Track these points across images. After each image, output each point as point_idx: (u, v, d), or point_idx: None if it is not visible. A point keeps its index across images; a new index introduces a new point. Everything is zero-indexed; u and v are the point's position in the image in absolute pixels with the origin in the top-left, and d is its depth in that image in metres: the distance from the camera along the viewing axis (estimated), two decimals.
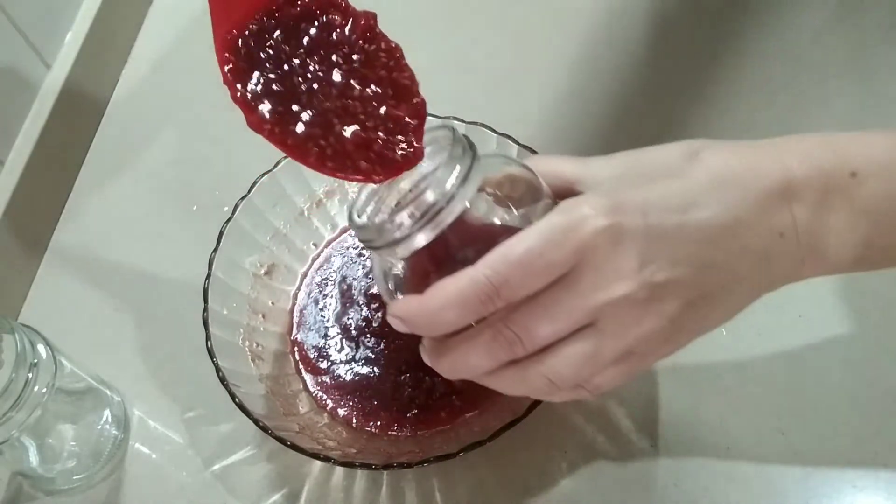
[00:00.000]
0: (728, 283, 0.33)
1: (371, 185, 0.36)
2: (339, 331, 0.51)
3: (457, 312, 0.32)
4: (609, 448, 0.47)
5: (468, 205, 0.33)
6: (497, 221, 0.35)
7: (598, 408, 0.48)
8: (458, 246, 0.34)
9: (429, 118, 0.36)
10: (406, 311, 0.34)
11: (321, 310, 0.52)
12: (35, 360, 0.43)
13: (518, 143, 0.49)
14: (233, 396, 0.43)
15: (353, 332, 0.51)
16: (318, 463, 0.48)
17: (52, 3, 0.62)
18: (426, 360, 0.36)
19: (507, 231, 0.34)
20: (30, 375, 0.42)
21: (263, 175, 0.50)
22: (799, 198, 0.32)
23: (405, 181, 0.36)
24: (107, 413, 0.51)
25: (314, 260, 0.54)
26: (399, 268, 0.36)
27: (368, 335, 0.50)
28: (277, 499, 0.48)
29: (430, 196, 0.32)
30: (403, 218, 0.33)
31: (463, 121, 0.50)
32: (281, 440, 0.42)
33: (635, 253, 0.31)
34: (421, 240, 0.33)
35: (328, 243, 0.55)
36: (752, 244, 0.32)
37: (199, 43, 0.70)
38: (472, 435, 0.43)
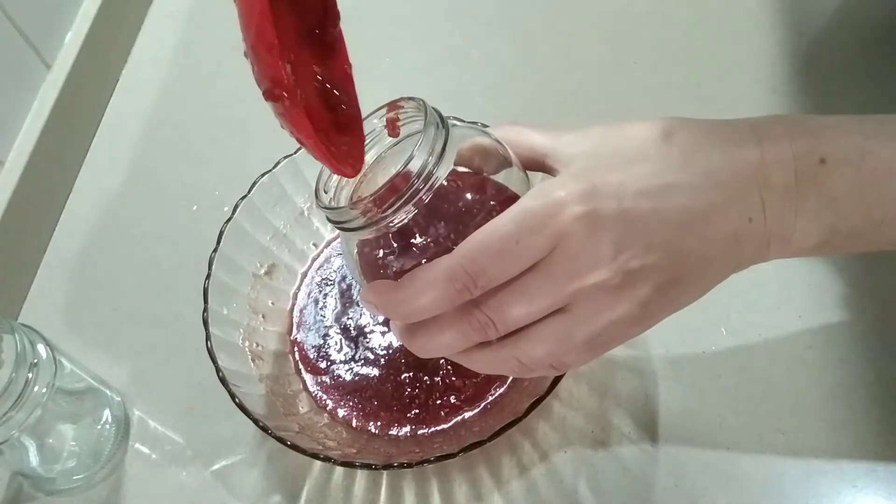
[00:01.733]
0: (698, 267, 0.33)
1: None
2: (338, 331, 0.51)
3: (433, 301, 0.32)
4: (609, 448, 0.47)
5: (445, 185, 0.33)
6: (469, 196, 0.34)
7: (597, 407, 0.48)
8: (432, 225, 0.33)
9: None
10: (380, 297, 0.34)
11: (321, 310, 0.52)
12: (35, 360, 0.43)
13: None
14: (233, 396, 0.43)
15: (352, 332, 0.51)
16: (318, 463, 0.48)
17: (52, 3, 0.62)
18: (397, 337, 0.36)
19: (480, 207, 0.33)
20: (30, 375, 0.42)
21: (263, 175, 0.50)
22: (769, 183, 0.33)
23: (377, 160, 0.36)
24: (107, 413, 0.51)
25: (314, 260, 0.54)
26: (371, 249, 0.36)
27: (368, 335, 0.50)
28: (277, 499, 0.48)
29: (405, 176, 0.32)
30: (379, 200, 0.32)
31: (462, 120, 0.50)
32: (281, 440, 0.42)
33: (611, 240, 0.31)
34: (396, 221, 0.33)
35: (328, 243, 0.55)
36: (723, 229, 0.33)
37: (199, 43, 0.70)
38: (472, 435, 0.43)
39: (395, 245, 0.34)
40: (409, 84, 0.63)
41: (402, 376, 0.48)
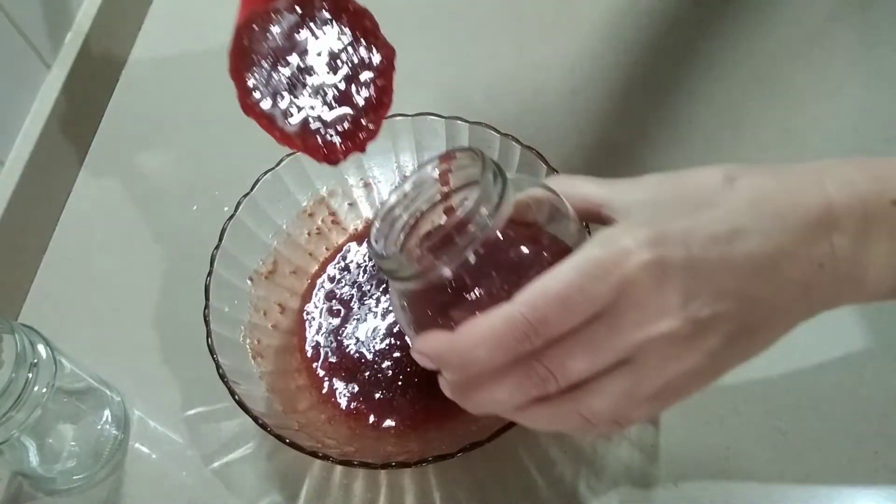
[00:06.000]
0: (769, 316, 0.32)
1: (389, 211, 0.37)
2: (343, 332, 0.51)
3: (491, 352, 0.30)
4: (609, 448, 0.47)
5: (500, 235, 0.32)
6: (524, 248, 0.33)
7: None
8: (486, 276, 0.32)
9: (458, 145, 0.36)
10: (434, 349, 0.32)
11: (329, 310, 0.52)
12: (35, 360, 0.43)
13: (521, 143, 0.49)
14: (232, 394, 0.43)
15: (356, 332, 0.51)
16: (318, 461, 0.48)
17: (52, 3, 0.62)
18: (447, 393, 0.34)
19: (536, 258, 0.32)
20: (30, 375, 0.42)
21: (266, 172, 0.50)
22: (839, 227, 0.32)
23: (434, 211, 0.36)
24: (107, 413, 0.51)
25: (325, 261, 0.54)
26: (422, 299, 0.34)
27: (371, 335, 0.51)
28: (277, 497, 0.48)
29: (463, 226, 0.31)
30: (434, 248, 0.32)
31: (466, 121, 0.50)
32: (280, 438, 0.42)
33: (679, 288, 0.30)
34: (449, 271, 0.32)
35: (339, 248, 0.55)
36: (793, 275, 0.32)
37: (199, 43, 0.70)
38: (472, 435, 0.43)
39: (448, 296, 0.33)
40: (410, 84, 0.63)
41: (403, 375, 0.48)
